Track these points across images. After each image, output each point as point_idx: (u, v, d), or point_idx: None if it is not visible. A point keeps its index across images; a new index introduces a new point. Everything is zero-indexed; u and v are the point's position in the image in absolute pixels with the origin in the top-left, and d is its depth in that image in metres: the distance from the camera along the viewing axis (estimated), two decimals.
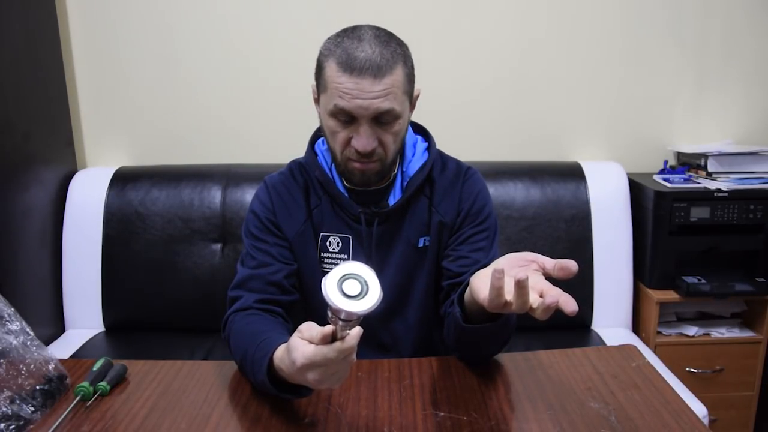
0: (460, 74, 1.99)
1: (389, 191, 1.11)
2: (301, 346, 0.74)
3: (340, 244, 1.11)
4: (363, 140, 0.98)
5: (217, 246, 1.83)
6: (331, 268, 1.10)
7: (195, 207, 1.83)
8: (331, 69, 0.97)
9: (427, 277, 1.12)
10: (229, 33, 1.95)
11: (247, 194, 1.83)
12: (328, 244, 1.11)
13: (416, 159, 1.12)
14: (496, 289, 0.73)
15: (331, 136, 1.03)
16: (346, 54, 0.95)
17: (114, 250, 1.82)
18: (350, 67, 0.95)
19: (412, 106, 1.07)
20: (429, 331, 1.16)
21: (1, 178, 1.61)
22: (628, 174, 1.90)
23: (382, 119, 0.98)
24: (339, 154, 1.03)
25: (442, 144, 1.17)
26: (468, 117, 2.02)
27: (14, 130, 1.67)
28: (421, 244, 1.11)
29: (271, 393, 0.88)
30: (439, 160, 1.15)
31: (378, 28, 1.00)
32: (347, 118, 0.98)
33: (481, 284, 0.79)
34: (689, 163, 1.98)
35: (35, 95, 1.77)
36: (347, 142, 1.01)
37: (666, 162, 2.00)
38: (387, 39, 0.98)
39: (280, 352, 0.84)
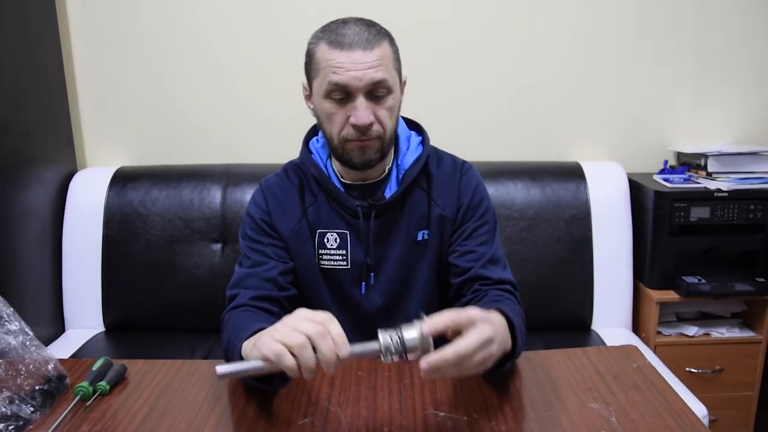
0: (461, 75, 1.99)
1: (385, 184, 1.11)
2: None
3: (338, 240, 1.11)
4: (360, 113, 0.99)
5: (217, 246, 1.83)
6: (330, 264, 1.11)
7: (195, 207, 1.83)
8: (322, 50, 1.00)
9: (427, 270, 1.13)
10: (229, 33, 1.95)
11: (247, 194, 1.83)
12: (326, 240, 1.11)
13: (411, 152, 1.13)
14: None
15: (328, 120, 1.03)
16: (335, 34, 1.00)
17: (114, 250, 1.82)
18: (340, 43, 0.98)
19: (402, 90, 1.08)
20: None
21: (1, 178, 1.61)
22: (628, 174, 1.90)
23: (376, 92, 1.00)
24: (336, 137, 1.03)
25: (442, 144, 1.18)
26: (468, 117, 2.02)
27: (14, 130, 1.66)
28: (420, 238, 1.12)
29: (247, 382, 0.89)
30: (434, 155, 1.16)
31: (361, 17, 1.04)
32: (342, 95, 1.00)
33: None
34: (689, 163, 1.98)
35: (35, 95, 1.77)
36: (344, 122, 1.01)
37: (666, 162, 2.00)
38: (371, 21, 1.03)
39: (248, 340, 0.85)
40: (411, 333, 0.74)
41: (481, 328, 0.76)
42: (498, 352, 0.80)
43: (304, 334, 0.73)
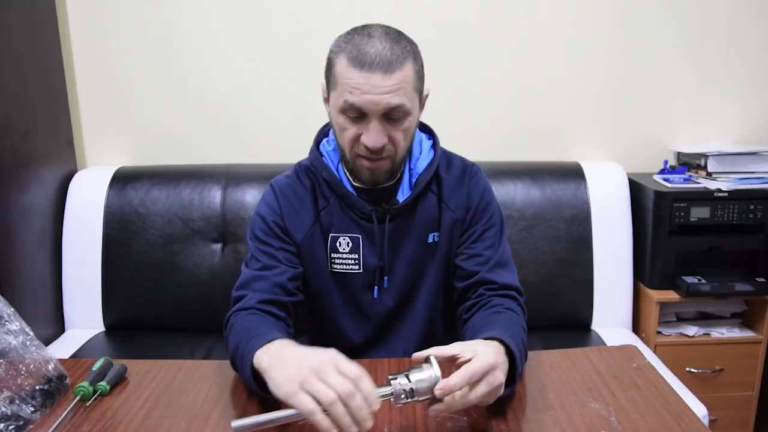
0: (461, 75, 1.99)
1: (397, 188, 1.11)
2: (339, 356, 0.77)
3: (350, 244, 1.10)
4: (373, 136, 0.98)
5: (217, 246, 1.83)
6: (342, 268, 1.11)
7: (195, 207, 1.83)
8: (342, 65, 0.98)
9: (436, 272, 1.13)
10: (230, 33, 1.95)
11: (247, 194, 1.83)
12: (338, 244, 1.11)
13: (423, 156, 1.13)
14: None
15: (340, 132, 1.02)
16: (357, 50, 0.96)
17: (114, 250, 1.82)
18: (360, 62, 0.95)
19: (422, 105, 1.08)
20: (434, 326, 1.17)
21: (1, 178, 1.61)
22: (628, 174, 1.90)
23: (392, 115, 0.98)
24: (348, 151, 1.03)
25: (442, 144, 1.17)
26: (468, 117, 2.02)
27: (14, 130, 1.66)
28: (430, 240, 1.12)
29: (252, 390, 0.88)
30: (444, 158, 1.16)
31: (388, 27, 1.01)
32: (357, 114, 0.98)
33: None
34: (689, 163, 1.98)
35: (35, 95, 1.77)
36: (356, 139, 1.01)
37: (666, 162, 2.00)
38: (397, 36, 0.99)
39: (262, 350, 0.85)
40: (420, 376, 0.78)
41: (484, 356, 0.79)
42: (503, 378, 0.82)
43: (334, 390, 0.73)
